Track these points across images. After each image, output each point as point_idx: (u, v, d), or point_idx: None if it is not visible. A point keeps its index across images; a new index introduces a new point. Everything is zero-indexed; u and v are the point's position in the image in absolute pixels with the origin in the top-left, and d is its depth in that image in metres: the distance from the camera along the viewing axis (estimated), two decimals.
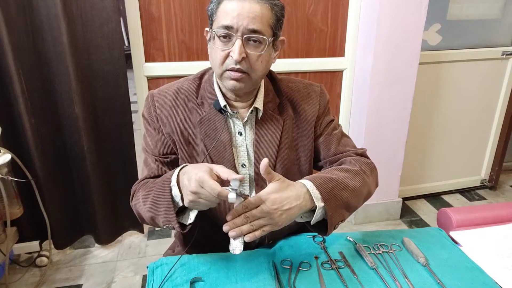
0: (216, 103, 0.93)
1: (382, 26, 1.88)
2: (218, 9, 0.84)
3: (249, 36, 0.83)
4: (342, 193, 0.85)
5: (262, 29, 0.83)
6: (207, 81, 0.98)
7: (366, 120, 2.06)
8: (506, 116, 2.50)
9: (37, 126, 1.72)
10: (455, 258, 0.90)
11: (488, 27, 2.31)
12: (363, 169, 0.94)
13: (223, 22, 0.82)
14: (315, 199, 0.81)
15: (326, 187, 0.83)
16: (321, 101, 1.01)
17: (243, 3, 0.81)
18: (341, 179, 0.87)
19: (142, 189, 0.93)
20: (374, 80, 1.98)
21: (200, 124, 0.94)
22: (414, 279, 0.83)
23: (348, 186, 0.87)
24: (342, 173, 0.90)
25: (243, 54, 0.83)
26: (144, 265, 1.92)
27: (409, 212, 2.44)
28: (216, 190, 0.70)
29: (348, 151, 1.01)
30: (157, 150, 0.97)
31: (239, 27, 0.81)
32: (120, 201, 2.01)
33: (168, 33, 1.81)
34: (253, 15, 0.81)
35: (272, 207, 0.76)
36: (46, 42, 1.64)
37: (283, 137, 0.97)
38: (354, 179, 0.90)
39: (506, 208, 1.12)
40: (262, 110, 0.95)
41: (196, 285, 0.82)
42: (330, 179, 0.85)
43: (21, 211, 1.67)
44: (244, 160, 0.97)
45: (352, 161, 0.96)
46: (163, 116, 0.95)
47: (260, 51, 0.85)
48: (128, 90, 1.81)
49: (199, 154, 0.95)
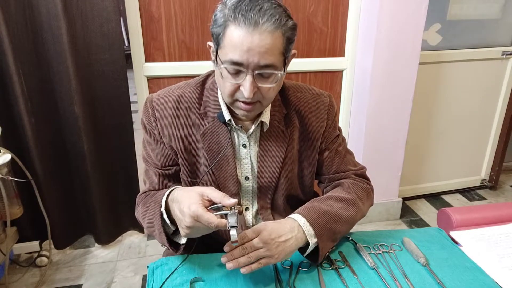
0: (220, 115, 0.90)
1: (382, 26, 1.88)
2: (225, 35, 0.76)
3: (260, 72, 0.77)
4: (335, 226, 0.86)
5: (273, 63, 0.77)
6: (210, 89, 0.92)
7: (366, 120, 2.06)
8: (506, 116, 2.50)
9: (37, 126, 1.72)
10: (455, 258, 0.90)
11: (488, 27, 2.31)
12: (359, 195, 0.94)
13: (232, 57, 0.75)
14: (308, 236, 0.82)
15: (320, 222, 0.84)
16: (329, 115, 0.97)
17: (252, 35, 0.73)
18: (335, 211, 0.88)
19: (141, 204, 0.92)
20: (374, 80, 1.98)
21: (203, 137, 0.90)
22: (414, 279, 0.82)
23: (342, 218, 0.88)
24: (337, 204, 0.90)
25: (254, 89, 0.78)
26: (144, 265, 1.92)
27: (409, 212, 2.44)
28: (213, 224, 0.68)
29: (349, 170, 1.00)
30: (158, 162, 0.94)
31: (250, 64, 0.75)
32: (120, 201, 2.01)
33: (168, 33, 1.81)
34: (264, 49, 0.74)
35: (270, 237, 0.76)
36: (46, 42, 1.64)
37: (289, 151, 0.95)
38: (348, 209, 0.90)
39: (506, 208, 1.12)
40: (268, 124, 0.92)
41: (196, 285, 0.81)
42: (324, 212, 0.86)
43: (21, 211, 1.66)
44: (248, 173, 0.95)
45: (350, 186, 0.95)
46: (164, 127, 0.91)
47: (272, 84, 0.80)
48: (128, 90, 1.81)
49: (201, 168, 0.93)
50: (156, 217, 0.83)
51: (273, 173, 0.94)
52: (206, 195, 0.73)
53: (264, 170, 0.94)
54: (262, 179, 0.95)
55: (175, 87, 0.95)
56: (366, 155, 2.13)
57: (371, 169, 2.33)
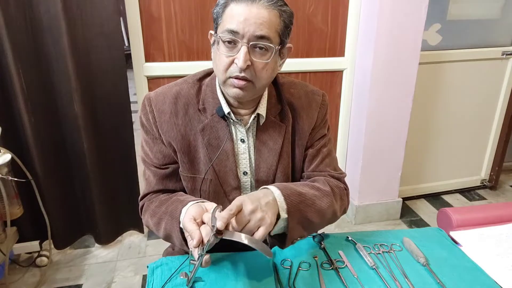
0: (219, 110, 0.90)
1: (382, 26, 1.88)
2: (224, 13, 0.81)
3: (255, 43, 0.79)
4: (307, 210, 0.84)
5: (269, 36, 0.79)
6: (208, 85, 0.94)
7: (366, 120, 2.06)
8: (506, 116, 2.50)
9: (37, 126, 1.72)
10: (455, 258, 0.90)
11: (488, 27, 2.31)
12: (334, 191, 0.93)
13: (228, 26, 0.79)
14: (280, 209, 0.79)
15: (293, 200, 0.82)
16: (320, 113, 0.98)
17: (250, 8, 0.78)
18: (309, 195, 0.86)
19: (150, 215, 0.92)
20: (374, 80, 1.98)
21: (203, 132, 0.91)
22: (414, 279, 0.82)
23: (315, 205, 0.86)
24: (312, 191, 0.88)
25: (248, 62, 0.79)
26: (144, 265, 1.92)
27: (409, 212, 2.44)
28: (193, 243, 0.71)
29: (326, 171, 0.98)
30: (156, 161, 0.94)
31: (246, 33, 0.78)
32: (120, 201, 2.01)
33: (168, 33, 1.81)
34: (260, 20, 0.78)
35: (253, 205, 0.74)
36: (46, 42, 1.64)
37: (285, 144, 0.95)
38: (322, 199, 0.88)
39: (506, 208, 1.12)
40: (265, 117, 0.93)
41: (196, 285, 0.81)
42: (299, 193, 0.84)
43: (21, 211, 1.66)
44: (246, 168, 0.96)
45: (325, 181, 0.94)
46: (162, 123, 0.91)
47: (266, 59, 0.82)
48: (128, 90, 1.81)
49: (201, 163, 0.93)
50: (175, 232, 0.83)
51: (270, 166, 0.94)
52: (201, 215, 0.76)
53: (261, 163, 0.94)
54: (260, 173, 0.95)
55: (173, 84, 0.96)
56: (366, 155, 2.13)
57: (371, 169, 2.32)
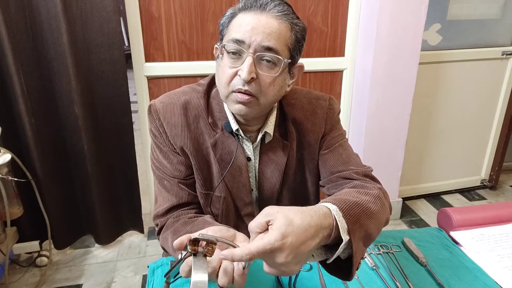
0: (227, 125, 0.85)
1: (382, 26, 1.88)
2: (231, 23, 0.75)
3: (262, 54, 0.72)
4: (368, 223, 0.64)
5: (277, 48, 0.73)
6: (215, 98, 0.88)
7: (366, 120, 2.06)
8: (506, 116, 2.50)
9: (37, 126, 1.72)
10: (455, 258, 0.90)
11: (488, 27, 2.31)
12: (382, 191, 0.79)
13: (234, 35, 0.73)
14: (341, 230, 0.59)
15: (352, 215, 0.62)
16: (328, 119, 0.91)
17: (259, 17, 0.72)
18: (365, 204, 0.67)
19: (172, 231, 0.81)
20: (374, 80, 1.98)
21: (215, 147, 0.86)
22: (414, 279, 0.82)
23: (373, 214, 0.67)
24: (364, 197, 0.70)
25: (253, 74, 0.72)
26: (144, 265, 1.92)
27: (409, 212, 2.44)
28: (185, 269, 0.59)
29: (350, 170, 0.87)
30: (178, 173, 0.87)
31: (252, 43, 0.71)
32: (120, 201, 2.01)
33: (168, 33, 1.81)
34: (269, 30, 0.71)
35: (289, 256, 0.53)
36: (46, 42, 1.64)
37: (289, 162, 0.90)
38: (376, 203, 0.70)
39: (506, 208, 1.11)
40: (272, 136, 0.87)
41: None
42: (355, 203, 0.64)
43: (21, 211, 1.66)
44: (253, 185, 0.93)
45: (365, 184, 0.81)
46: (175, 137, 0.85)
47: (274, 74, 0.74)
48: (128, 90, 1.81)
49: (214, 179, 0.89)
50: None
51: (274, 185, 0.91)
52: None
53: (265, 182, 0.91)
54: (263, 192, 0.93)
55: (180, 92, 0.89)
56: (366, 155, 2.13)
57: None
